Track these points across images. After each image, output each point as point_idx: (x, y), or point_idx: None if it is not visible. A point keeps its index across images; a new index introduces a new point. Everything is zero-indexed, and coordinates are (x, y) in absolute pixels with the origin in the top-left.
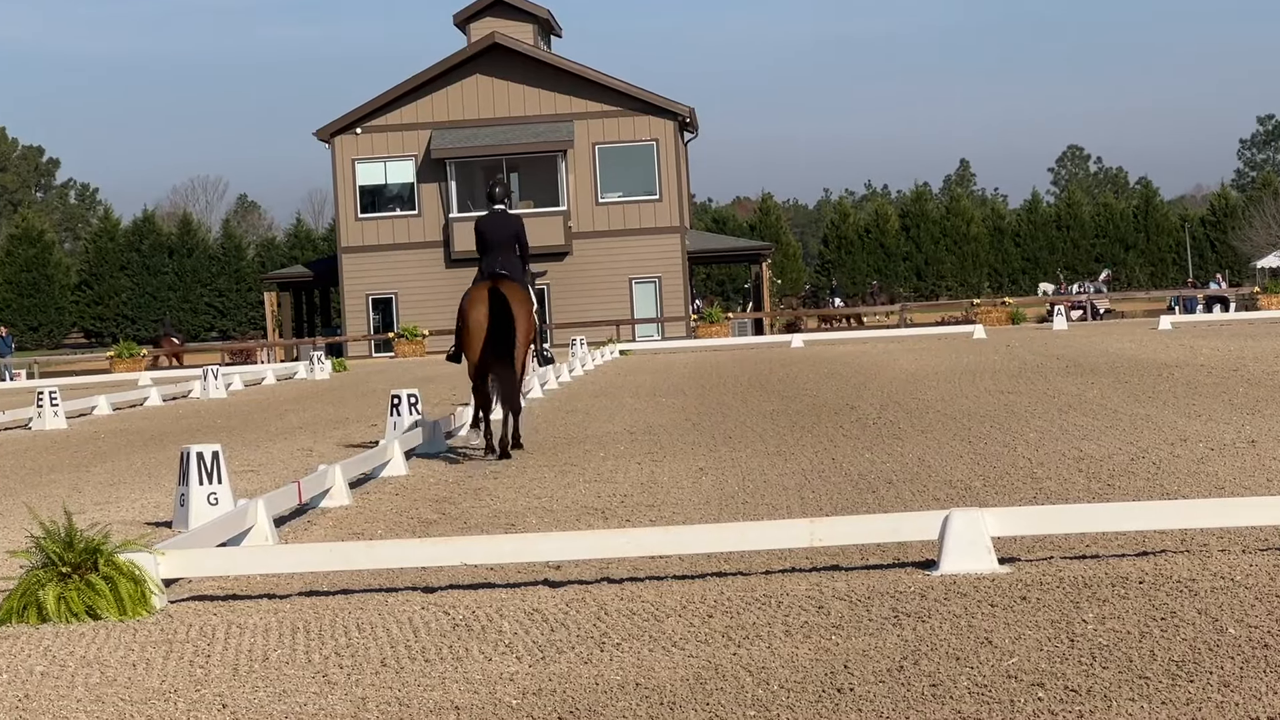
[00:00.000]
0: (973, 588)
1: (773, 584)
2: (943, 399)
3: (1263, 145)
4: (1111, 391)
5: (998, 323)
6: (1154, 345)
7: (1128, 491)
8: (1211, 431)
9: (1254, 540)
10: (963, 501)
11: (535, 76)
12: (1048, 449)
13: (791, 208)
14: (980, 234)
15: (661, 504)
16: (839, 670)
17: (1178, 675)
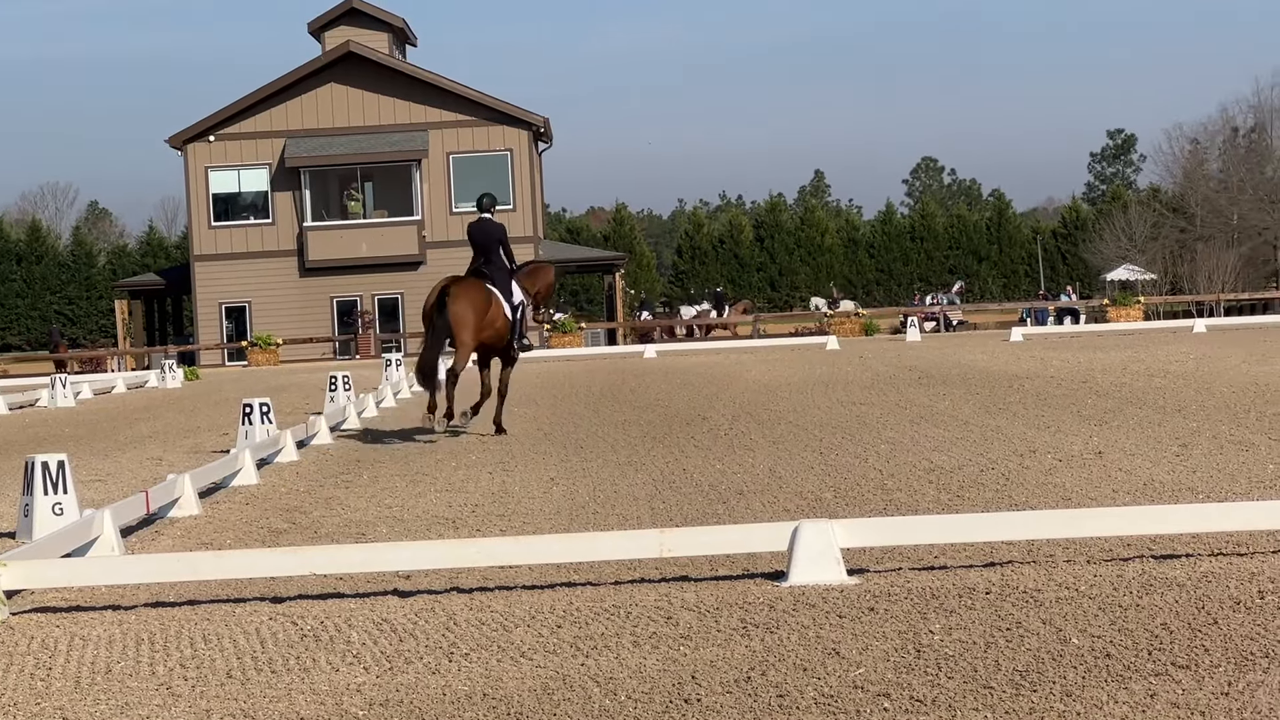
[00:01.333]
0: (821, 599)
1: (622, 594)
2: (795, 410)
3: (1112, 159)
4: (963, 403)
5: (851, 334)
6: (1005, 357)
7: (977, 503)
8: (1060, 443)
9: (1099, 551)
10: (813, 513)
11: (390, 86)
12: (899, 460)
13: (646, 218)
14: (834, 245)
15: (512, 514)
16: (686, 681)
17: (1021, 685)
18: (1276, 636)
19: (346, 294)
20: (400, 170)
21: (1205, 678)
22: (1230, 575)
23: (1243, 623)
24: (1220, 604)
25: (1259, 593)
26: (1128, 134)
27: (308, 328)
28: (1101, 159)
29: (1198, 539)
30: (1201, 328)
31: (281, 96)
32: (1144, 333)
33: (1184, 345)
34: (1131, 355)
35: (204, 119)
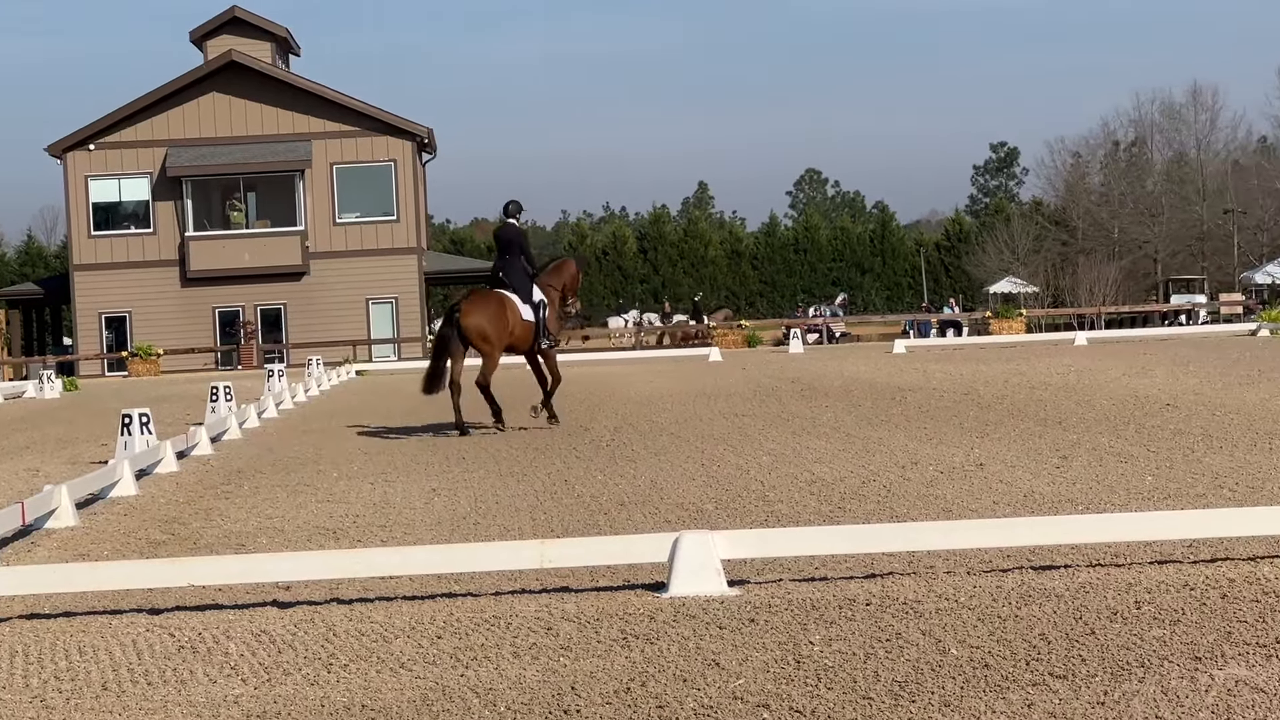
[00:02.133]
0: (702, 610)
1: (502, 605)
2: (677, 421)
3: (995, 172)
4: (845, 415)
5: (734, 345)
6: (888, 369)
7: (858, 514)
8: (941, 455)
9: (979, 562)
10: (694, 524)
11: (273, 95)
12: (780, 472)
13: (530, 229)
14: (718, 257)
15: (393, 524)
16: (566, 692)
17: (900, 695)
18: (1152, 646)
19: (229, 304)
20: (283, 180)
21: (1082, 687)
22: (1108, 586)
23: (1119, 633)
24: (1097, 614)
25: (1135, 603)
26: (1010, 147)
27: (189, 338)
28: (984, 172)
29: (1076, 550)
30: (1083, 340)
31: (163, 105)
32: (1026, 345)
33: (1065, 358)
34: (1013, 367)
35: (84, 127)
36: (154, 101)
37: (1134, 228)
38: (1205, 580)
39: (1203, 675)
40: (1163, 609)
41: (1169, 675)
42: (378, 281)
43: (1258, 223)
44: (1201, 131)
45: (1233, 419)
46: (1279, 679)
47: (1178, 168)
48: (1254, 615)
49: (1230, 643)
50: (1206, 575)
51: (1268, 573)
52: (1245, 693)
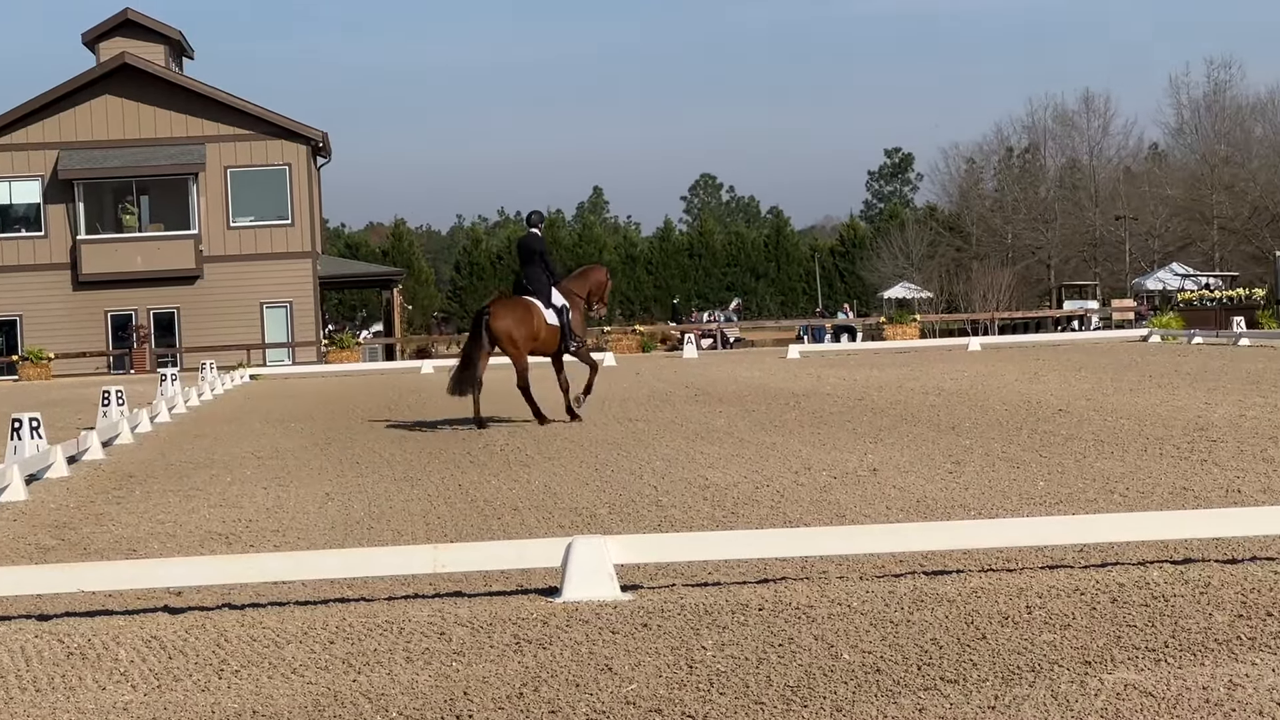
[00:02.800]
0: (595, 615)
1: (396, 610)
2: (570, 426)
3: (890, 177)
4: (739, 420)
5: (628, 350)
6: (782, 374)
7: (751, 519)
8: (835, 460)
9: (872, 567)
10: (588, 529)
11: (167, 98)
12: (674, 477)
13: (425, 234)
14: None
15: (287, 529)
16: (459, 697)
17: (792, 700)
18: (1043, 651)
19: (121, 308)
20: (177, 184)
21: (973, 691)
22: (999, 591)
23: (1010, 637)
24: (989, 619)
25: (1027, 608)
26: (905, 153)
27: (81, 342)
28: (879, 177)
29: (969, 555)
30: (976, 345)
31: (55, 108)
32: (920, 350)
33: (959, 363)
34: (907, 373)
35: None
36: (45, 104)
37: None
38: (1096, 585)
39: (1092, 679)
40: (1053, 614)
41: (1059, 679)
42: (272, 285)
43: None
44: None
45: (1124, 424)
46: (1167, 683)
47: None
48: (1143, 620)
49: (1120, 647)
50: (1097, 580)
51: (1157, 577)
52: (1134, 696)
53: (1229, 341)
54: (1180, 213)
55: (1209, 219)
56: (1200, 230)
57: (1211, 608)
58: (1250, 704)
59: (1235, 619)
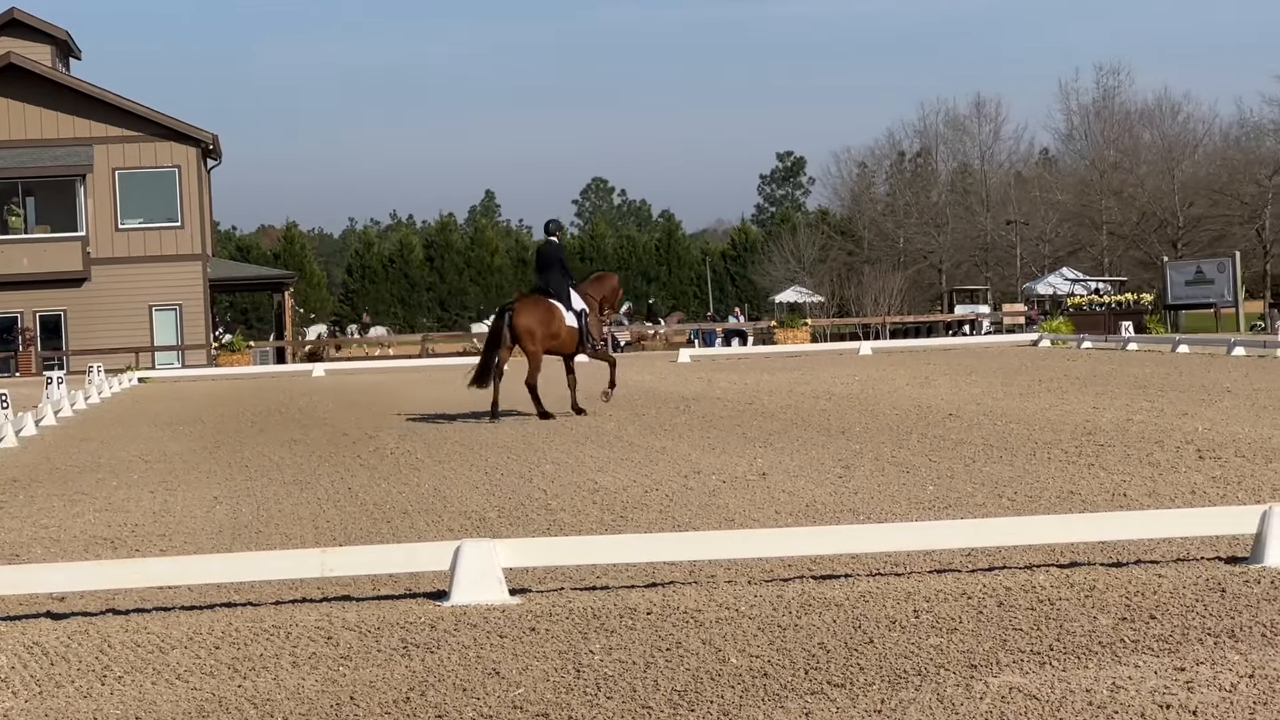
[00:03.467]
0: (483, 619)
1: (283, 615)
2: (461, 430)
3: (782, 181)
4: (628, 424)
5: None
6: (672, 378)
7: (640, 523)
8: (724, 464)
9: (760, 571)
10: (477, 533)
11: (54, 99)
12: (563, 481)
13: (317, 236)
14: (504, 265)
15: (173, 533)
16: (345, 702)
17: (680, 705)
18: (929, 655)
19: (6, 310)
20: (64, 185)
21: (860, 695)
22: (887, 595)
23: (898, 641)
24: (877, 623)
25: (914, 612)
26: (797, 156)
27: None
28: (771, 181)
29: (857, 559)
30: (867, 350)
31: None
32: (811, 355)
33: (850, 367)
34: (798, 377)
35: None
36: None
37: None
38: (983, 589)
39: (978, 683)
40: (941, 617)
41: (945, 683)
42: (161, 288)
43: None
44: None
45: (1013, 428)
46: (1052, 685)
47: (962, 178)
48: (1029, 623)
49: (1006, 650)
50: (984, 584)
51: (1044, 581)
52: (1019, 699)
53: (1117, 346)
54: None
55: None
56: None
57: (1096, 611)
58: (1132, 706)
59: (1119, 622)
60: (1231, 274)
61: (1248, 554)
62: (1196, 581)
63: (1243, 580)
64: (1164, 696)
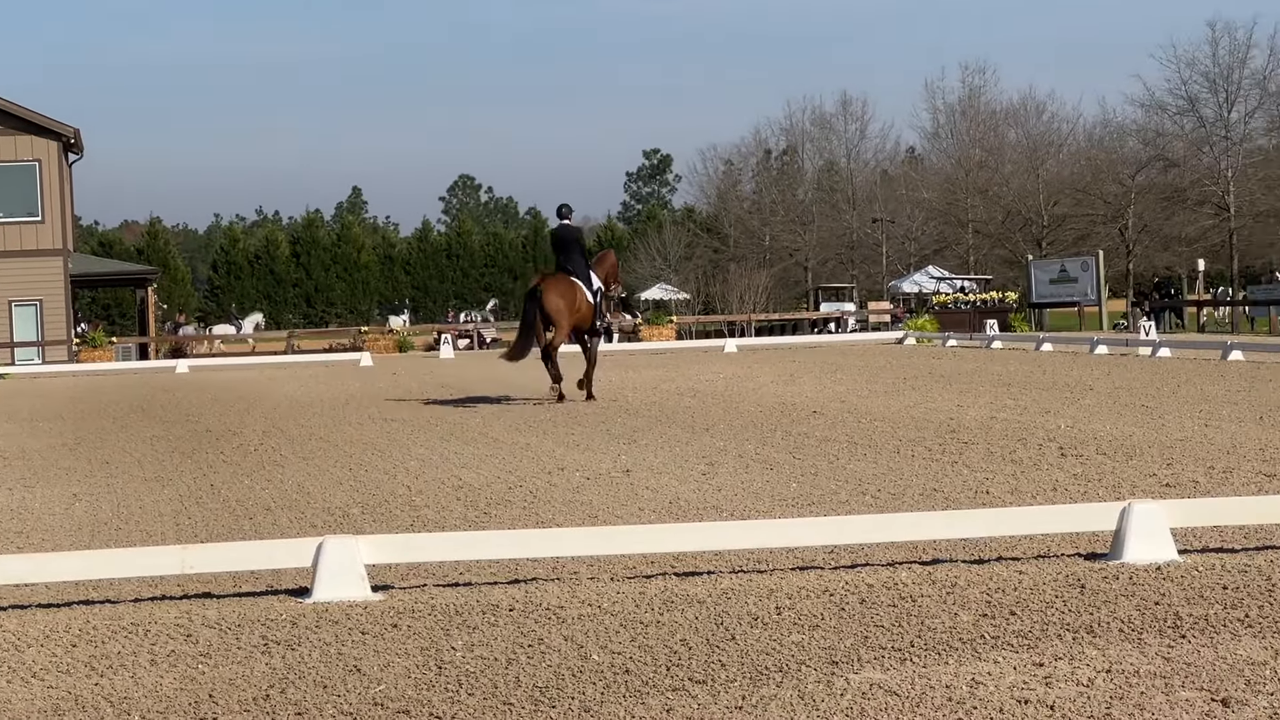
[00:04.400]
0: (345, 615)
1: (141, 612)
2: (326, 426)
3: (648, 179)
4: (493, 420)
5: (386, 350)
6: (537, 374)
7: (504, 520)
8: (589, 461)
9: (623, 568)
10: (340, 529)
11: None
12: (428, 477)
13: (182, 232)
14: (371, 262)
15: (31, 531)
16: (204, 700)
17: (541, 701)
18: (791, 651)
19: None
20: None
21: (721, 692)
22: (749, 592)
23: (759, 638)
24: (739, 620)
25: (776, 609)
26: (664, 154)
27: None
28: (638, 179)
29: (720, 556)
30: (733, 347)
31: None
32: (676, 352)
33: (715, 365)
34: (663, 374)
35: None
36: None
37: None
38: (845, 586)
39: (839, 679)
40: (803, 614)
41: (806, 679)
42: (20, 284)
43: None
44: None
45: (878, 426)
46: (912, 681)
47: (828, 177)
48: (890, 620)
49: (867, 647)
50: (847, 581)
51: (905, 578)
52: (879, 696)
53: (982, 344)
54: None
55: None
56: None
57: (957, 607)
58: (991, 701)
59: (980, 618)
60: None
61: (1107, 550)
62: (1056, 578)
63: (1101, 576)
64: (1022, 692)
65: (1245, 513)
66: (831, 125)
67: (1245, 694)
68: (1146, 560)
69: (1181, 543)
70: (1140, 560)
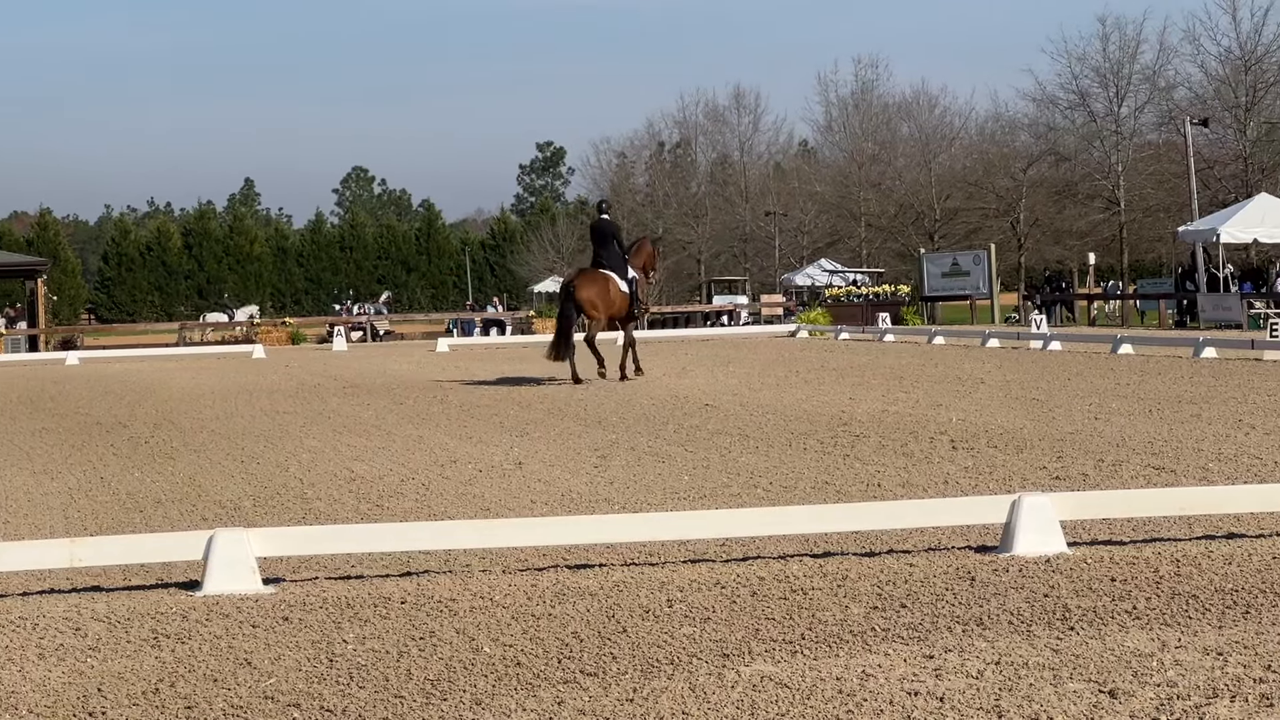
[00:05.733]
0: (236, 609)
1: (29, 606)
2: (218, 418)
3: (542, 171)
4: (386, 413)
5: (278, 343)
6: (431, 367)
7: (396, 512)
8: (481, 453)
9: (515, 561)
10: (231, 522)
11: None
12: (320, 469)
13: (72, 224)
14: (264, 254)
15: None
16: (92, 694)
17: (432, 694)
18: (682, 644)
19: None
20: None
21: (612, 684)
22: (641, 584)
23: (651, 630)
24: (630, 613)
25: (668, 601)
26: (557, 147)
27: None
28: (531, 171)
29: (611, 549)
30: None
31: None
32: None
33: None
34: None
35: None
36: None
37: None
38: (736, 579)
39: (730, 671)
40: (694, 607)
41: (697, 672)
42: None
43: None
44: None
45: (769, 419)
46: (803, 674)
47: (722, 170)
48: (782, 613)
49: (758, 639)
50: (738, 574)
51: (797, 571)
52: (770, 688)
53: (874, 337)
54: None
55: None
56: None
57: (848, 600)
58: (881, 694)
59: (870, 611)
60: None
61: (997, 543)
62: (947, 570)
63: (991, 569)
64: (912, 684)
65: (1133, 505)
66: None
67: (1132, 685)
68: (1036, 553)
69: (1071, 535)
70: (1030, 553)
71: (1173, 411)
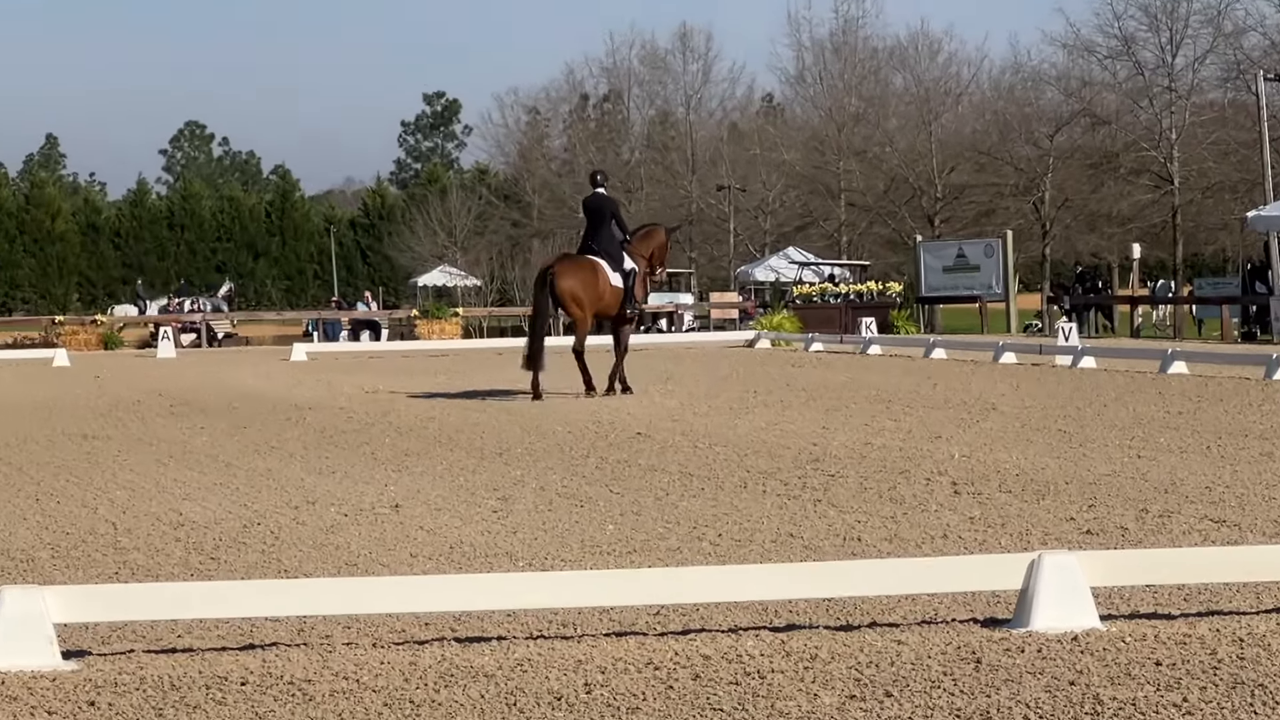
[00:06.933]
0: (26, 689)
1: None
2: (8, 444)
3: (430, 130)
4: (226, 439)
5: (88, 347)
6: (284, 380)
7: (236, 566)
8: (348, 492)
9: (390, 631)
10: (22, 578)
11: None
12: (139, 511)
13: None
14: (70, 232)
15: None
16: None
17: None
18: None
19: None
20: None
21: None
22: (551, 664)
23: None
24: (537, 700)
25: (585, 686)
26: (450, 99)
27: None
28: (416, 130)
29: (513, 618)
30: None
31: None
32: (462, 353)
33: (511, 370)
34: (445, 381)
35: None
36: None
37: None
38: (674, 658)
39: None
40: (619, 693)
41: None
42: None
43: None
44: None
45: (719, 452)
46: None
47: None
48: (732, 701)
49: None
50: (676, 651)
51: (752, 648)
52: None
53: (856, 349)
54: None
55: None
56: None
57: (818, 687)
58: None
59: (846, 701)
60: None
61: (1010, 615)
62: (945, 650)
63: (1003, 648)
64: None
65: (1185, 569)
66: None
67: None
68: (1060, 628)
69: (1105, 606)
70: (1052, 628)
71: (1237, 449)
